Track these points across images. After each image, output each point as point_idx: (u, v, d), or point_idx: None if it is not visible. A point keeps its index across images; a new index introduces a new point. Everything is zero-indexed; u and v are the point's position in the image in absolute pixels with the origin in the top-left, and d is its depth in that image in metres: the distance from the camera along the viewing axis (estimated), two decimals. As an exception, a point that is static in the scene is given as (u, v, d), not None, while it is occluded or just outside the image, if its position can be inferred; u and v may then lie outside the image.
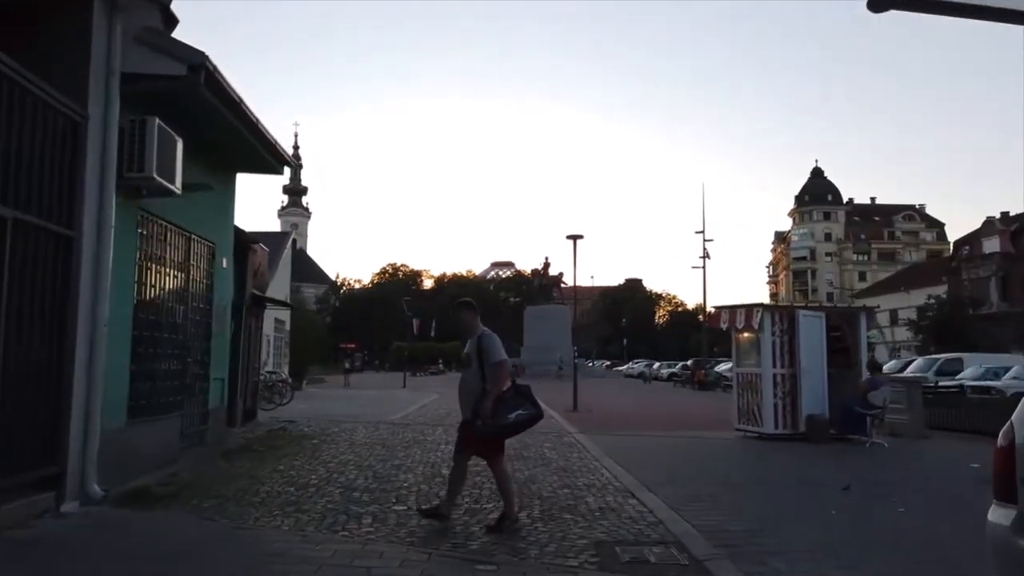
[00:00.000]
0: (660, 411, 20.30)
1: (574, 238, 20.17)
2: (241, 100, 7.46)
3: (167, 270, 8.04)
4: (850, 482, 7.99)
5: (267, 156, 9.30)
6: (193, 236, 8.72)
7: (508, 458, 6.59)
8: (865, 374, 12.38)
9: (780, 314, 12.41)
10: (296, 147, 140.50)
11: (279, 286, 30.14)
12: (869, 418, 11.82)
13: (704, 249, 39.74)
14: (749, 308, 12.44)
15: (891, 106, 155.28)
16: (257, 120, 8.11)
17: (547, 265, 60.09)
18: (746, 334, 12.81)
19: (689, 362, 45.17)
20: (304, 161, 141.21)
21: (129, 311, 7.04)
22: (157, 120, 6.53)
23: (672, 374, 47.71)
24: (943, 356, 25.07)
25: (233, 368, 12.51)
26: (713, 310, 15.62)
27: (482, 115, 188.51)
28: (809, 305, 14.20)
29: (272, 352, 28.57)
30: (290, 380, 22.40)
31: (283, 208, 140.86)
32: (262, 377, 19.83)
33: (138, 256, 7.27)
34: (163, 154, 6.62)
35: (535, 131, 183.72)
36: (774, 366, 12.04)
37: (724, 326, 13.04)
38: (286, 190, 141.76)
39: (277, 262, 28.67)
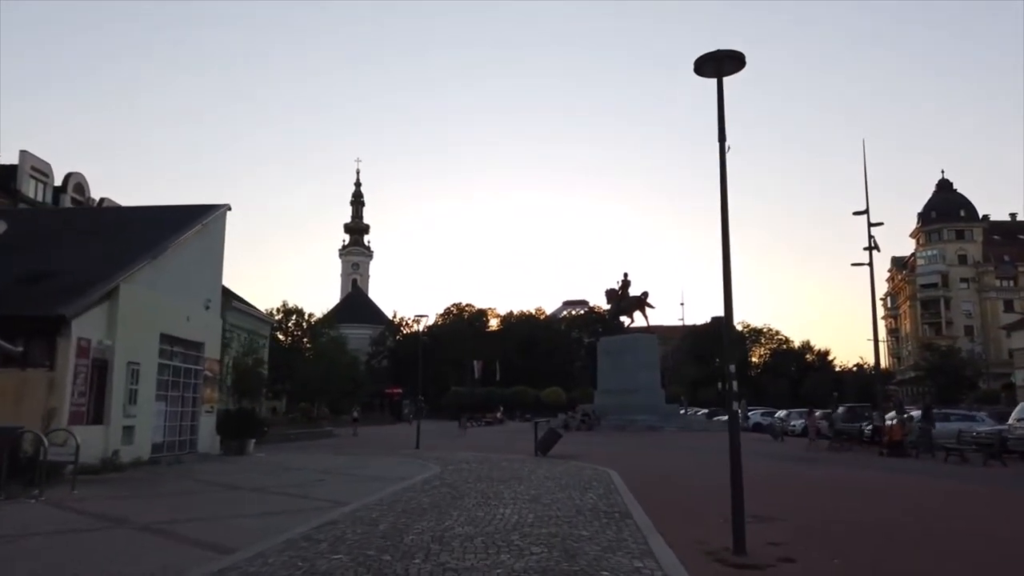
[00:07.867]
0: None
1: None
2: None
3: None
4: None
5: None
6: None
7: None
8: None
9: None
10: (358, 184, 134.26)
11: (200, 285, 18.56)
12: None
13: (870, 237, 26.11)
14: None
15: None
16: None
17: (626, 284, 46.11)
18: None
19: (840, 410, 30.96)
20: (367, 199, 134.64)
21: None
22: None
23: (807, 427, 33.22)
24: None
25: None
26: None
27: (556, 147, 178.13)
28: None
29: (161, 396, 16.75)
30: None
31: (344, 247, 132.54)
32: None
33: None
34: None
35: (609, 165, 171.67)
36: None
37: None
38: (347, 228, 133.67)
39: (166, 242, 17.11)
